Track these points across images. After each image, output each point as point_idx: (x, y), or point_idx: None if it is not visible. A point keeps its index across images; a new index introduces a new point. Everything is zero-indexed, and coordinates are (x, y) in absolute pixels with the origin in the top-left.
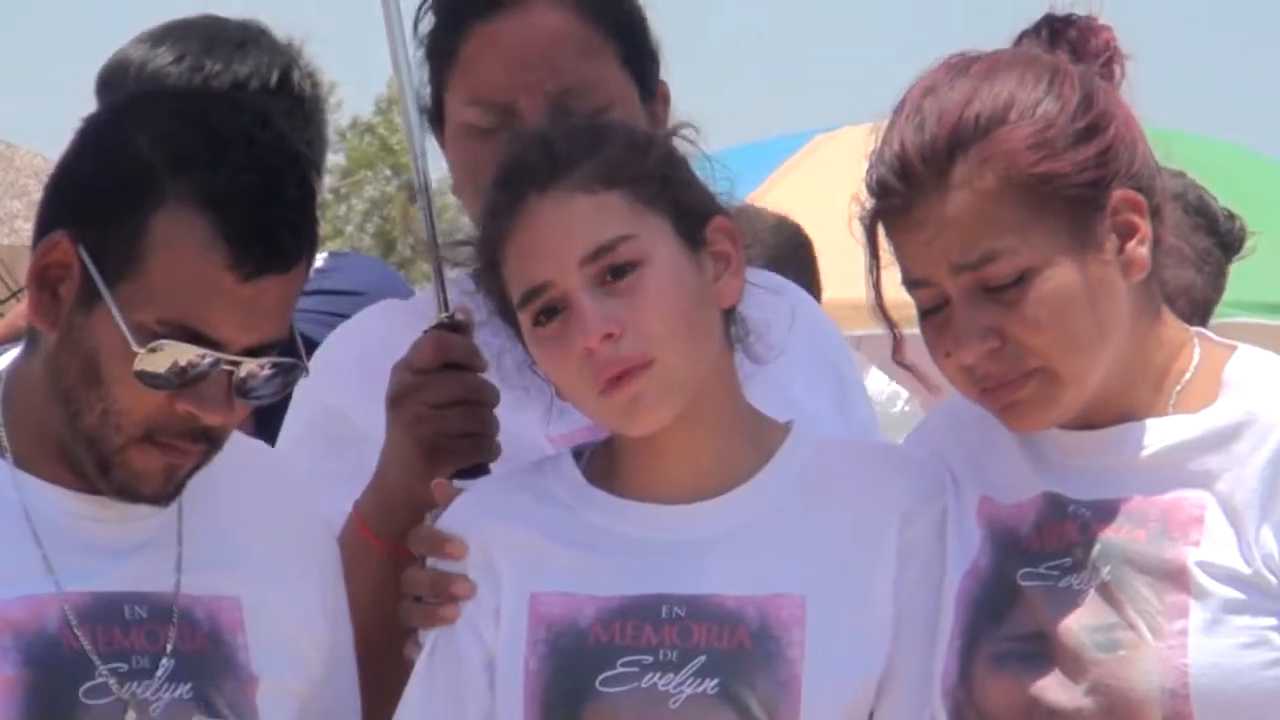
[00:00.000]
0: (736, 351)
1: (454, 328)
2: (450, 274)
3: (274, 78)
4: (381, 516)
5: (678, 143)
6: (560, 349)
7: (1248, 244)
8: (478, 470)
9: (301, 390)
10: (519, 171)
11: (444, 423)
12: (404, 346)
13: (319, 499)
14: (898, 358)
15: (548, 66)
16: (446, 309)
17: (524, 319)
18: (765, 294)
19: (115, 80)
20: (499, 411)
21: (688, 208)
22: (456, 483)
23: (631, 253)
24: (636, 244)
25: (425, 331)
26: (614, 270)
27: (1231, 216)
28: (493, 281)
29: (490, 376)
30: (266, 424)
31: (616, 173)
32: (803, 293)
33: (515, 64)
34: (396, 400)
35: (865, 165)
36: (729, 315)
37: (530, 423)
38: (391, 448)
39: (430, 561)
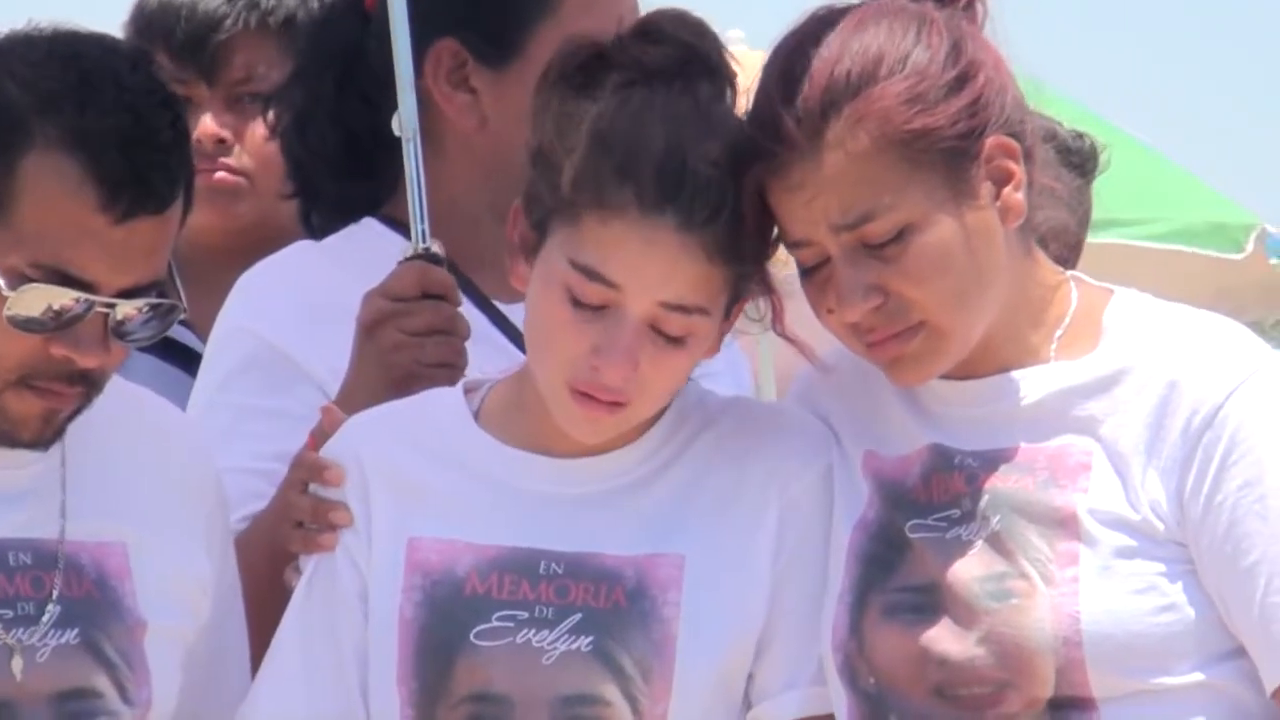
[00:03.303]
0: None
1: (431, 259)
2: None
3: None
4: None
5: None
6: (586, 330)
7: (1102, 158)
8: None
9: (233, 330)
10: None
11: (421, 351)
12: (339, 288)
13: (210, 447)
14: (779, 328)
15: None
16: (424, 241)
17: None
18: None
19: (159, 23)
20: None
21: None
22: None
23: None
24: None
25: (401, 261)
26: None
27: (1080, 135)
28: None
29: None
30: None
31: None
32: None
33: None
34: (372, 327)
35: None
36: None
37: (471, 359)
38: (359, 376)
39: (312, 487)
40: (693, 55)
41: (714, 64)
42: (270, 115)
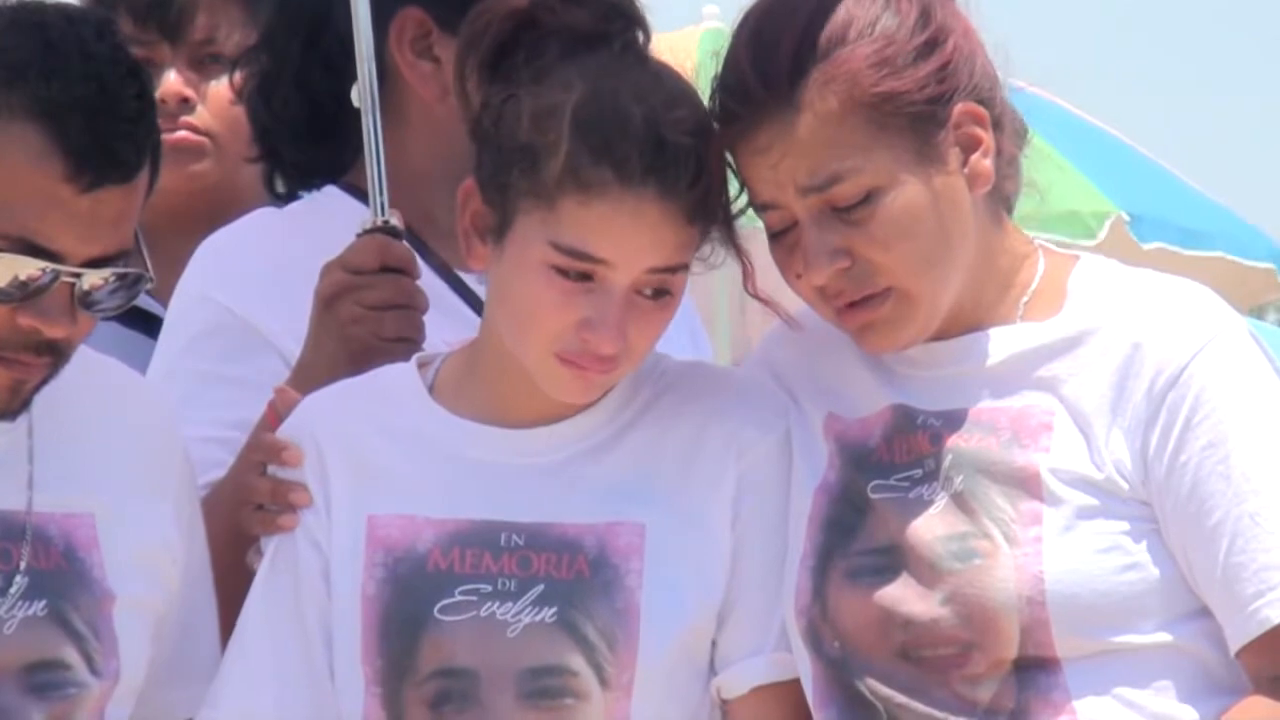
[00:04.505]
0: None
1: (390, 232)
2: None
3: None
4: None
5: None
6: (574, 298)
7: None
8: None
9: (194, 296)
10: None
11: (380, 325)
12: (301, 255)
13: (177, 417)
14: (750, 289)
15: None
16: (382, 213)
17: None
18: None
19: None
20: None
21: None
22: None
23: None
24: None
25: (359, 234)
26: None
27: None
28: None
29: None
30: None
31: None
32: None
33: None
34: (331, 300)
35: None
36: None
37: (433, 327)
38: (317, 348)
39: (270, 469)
40: (615, 10)
41: (633, 12)
42: (236, 77)
